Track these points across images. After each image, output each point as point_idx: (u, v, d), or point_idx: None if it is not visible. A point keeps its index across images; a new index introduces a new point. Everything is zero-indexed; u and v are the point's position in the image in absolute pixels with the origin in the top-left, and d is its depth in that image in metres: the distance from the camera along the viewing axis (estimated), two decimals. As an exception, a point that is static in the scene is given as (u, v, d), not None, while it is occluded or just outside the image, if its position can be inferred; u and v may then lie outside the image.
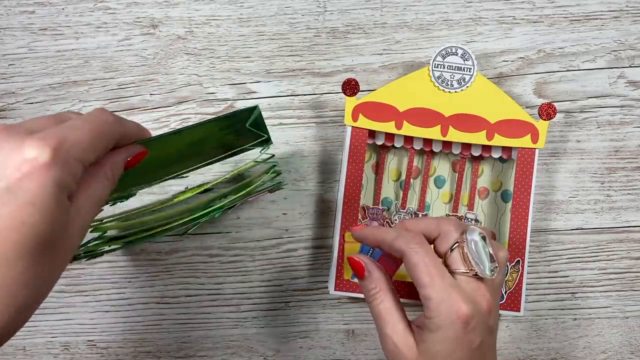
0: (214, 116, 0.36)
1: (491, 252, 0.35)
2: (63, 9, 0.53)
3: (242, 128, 0.37)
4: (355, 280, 0.49)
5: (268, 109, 0.53)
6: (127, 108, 0.53)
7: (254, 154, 0.47)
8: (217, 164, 0.48)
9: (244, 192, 0.44)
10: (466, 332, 0.33)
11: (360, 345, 0.53)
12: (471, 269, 0.34)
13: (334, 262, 0.49)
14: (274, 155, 0.49)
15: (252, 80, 0.53)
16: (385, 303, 0.37)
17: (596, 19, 0.54)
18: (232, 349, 0.52)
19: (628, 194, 0.53)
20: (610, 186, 0.53)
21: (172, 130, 0.34)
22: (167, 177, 0.43)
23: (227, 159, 0.44)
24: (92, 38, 0.53)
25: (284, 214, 0.53)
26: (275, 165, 0.47)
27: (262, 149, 0.45)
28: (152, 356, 0.52)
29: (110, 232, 0.47)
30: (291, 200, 0.53)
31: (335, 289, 0.49)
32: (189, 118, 0.53)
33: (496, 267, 0.35)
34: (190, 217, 0.43)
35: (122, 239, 0.45)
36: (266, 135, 0.40)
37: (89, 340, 0.52)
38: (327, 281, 0.52)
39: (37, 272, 0.25)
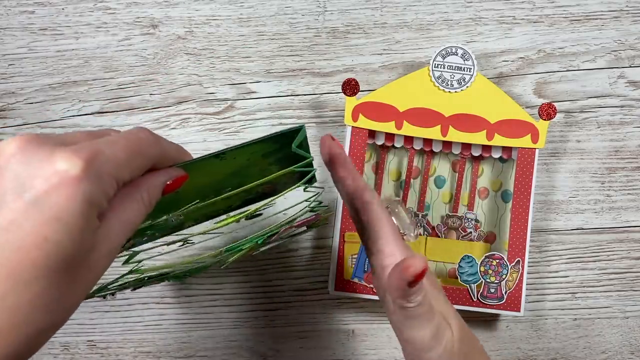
0: (256, 138, 0.31)
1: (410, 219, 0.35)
2: (63, 9, 0.53)
3: (286, 157, 0.34)
4: (356, 280, 0.49)
5: (268, 109, 0.53)
6: (127, 108, 0.53)
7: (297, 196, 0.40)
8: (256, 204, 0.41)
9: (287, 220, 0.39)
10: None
11: (360, 346, 0.53)
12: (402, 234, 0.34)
13: (334, 262, 0.49)
14: (320, 193, 0.42)
15: (252, 80, 0.53)
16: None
17: (596, 19, 0.53)
18: (232, 349, 0.52)
19: (628, 194, 0.53)
20: (610, 186, 0.53)
21: (212, 152, 0.30)
22: (200, 216, 0.37)
23: (267, 202, 0.38)
24: (92, 38, 0.53)
25: (284, 214, 0.53)
26: (320, 203, 0.41)
27: (306, 187, 0.38)
28: (152, 356, 0.52)
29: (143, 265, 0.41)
30: (291, 201, 0.53)
31: (335, 289, 0.48)
32: (188, 118, 0.53)
33: (419, 233, 0.35)
34: (230, 247, 0.38)
35: (158, 277, 0.41)
36: (311, 166, 0.35)
37: (89, 341, 0.52)
38: (327, 281, 0.52)
39: (56, 295, 0.23)
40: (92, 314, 0.52)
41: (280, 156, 0.34)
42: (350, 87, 0.48)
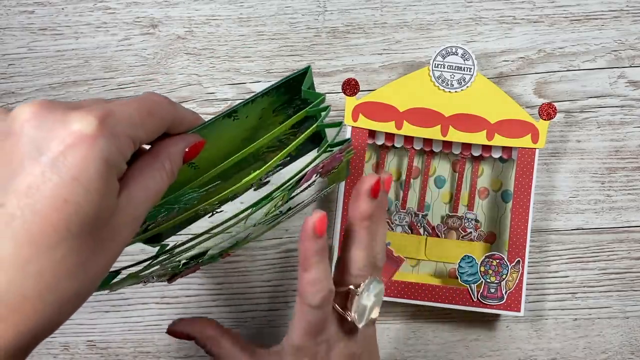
0: (263, 89, 0.29)
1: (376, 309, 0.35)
2: (63, 8, 0.53)
3: (297, 112, 0.31)
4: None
5: (268, 108, 0.53)
6: (127, 108, 0.53)
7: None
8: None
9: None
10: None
11: (360, 346, 0.53)
12: (349, 315, 0.34)
13: (334, 262, 0.49)
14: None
15: (252, 80, 0.53)
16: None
17: (596, 18, 0.53)
18: (232, 349, 0.52)
19: (628, 194, 0.53)
20: (610, 186, 0.53)
21: (224, 111, 0.29)
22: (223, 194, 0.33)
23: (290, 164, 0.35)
24: (91, 38, 0.53)
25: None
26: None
27: (326, 148, 0.34)
28: (152, 356, 0.52)
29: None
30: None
31: (335, 289, 0.48)
32: (188, 118, 0.53)
33: (371, 320, 0.35)
34: (258, 201, 0.34)
35: (194, 259, 0.39)
36: (323, 107, 0.31)
37: (88, 341, 0.52)
38: (327, 281, 0.52)
39: (79, 260, 0.22)
40: (91, 314, 0.52)
41: (291, 112, 0.33)
42: (350, 87, 0.48)
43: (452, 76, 0.48)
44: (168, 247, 0.35)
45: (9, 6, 0.53)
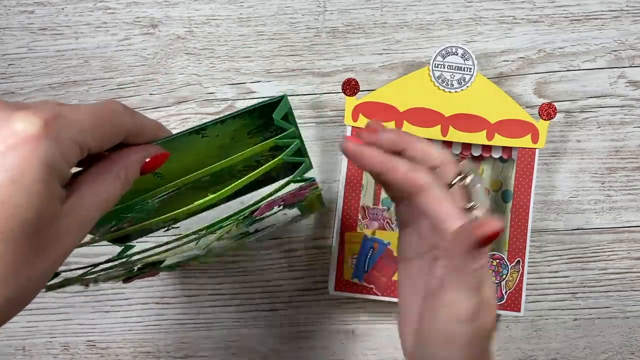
0: (236, 110, 0.28)
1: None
2: (63, 8, 0.53)
3: (273, 128, 0.31)
4: (355, 280, 0.49)
5: (268, 108, 0.53)
6: (127, 108, 0.53)
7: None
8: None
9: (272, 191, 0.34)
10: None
11: (361, 346, 0.53)
12: (471, 206, 0.31)
13: (334, 262, 0.49)
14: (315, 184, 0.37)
15: (251, 80, 0.53)
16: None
17: (596, 18, 0.53)
18: (232, 349, 0.52)
19: (628, 194, 0.53)
20: (610, 186, 0.53)
21: (192, 127, 0.28)
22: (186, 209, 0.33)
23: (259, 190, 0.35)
24: (91, 38, 0.53)
25: (284, 214, 0.53)
26: (317, 188, 0.37)
27: (298, 172, 0.34)
28: (151, 356, 0.52)
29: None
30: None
31: (335, 289, 0.48)
32: (188, 118, 0.53)
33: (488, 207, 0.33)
34: (211, 224, 0.34)
35: (149, 266, 0.38)
36: (295, 138, 0.31)
37: (88, 341, 0.52)
38: (327, 281, 0.52)
39: (17, 262, 0.21)
40: (91, 314, 0.52)
41: (267, 135, 0.32)
42: (350, 87, 0.48)
43: (452, 76, 0.48)
44: (125, 254, 0.34)
45: (9, 6, 0.53)
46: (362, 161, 0.31)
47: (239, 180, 0.31)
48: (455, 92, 0.48)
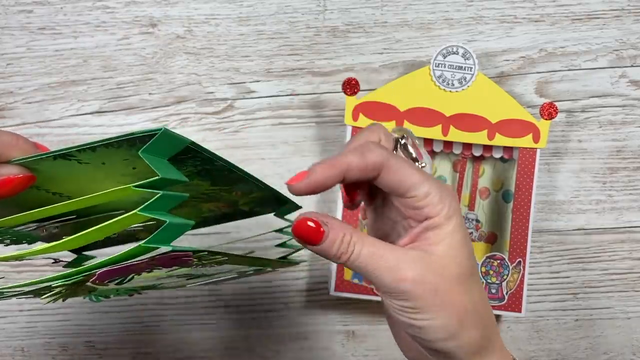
0: (103, 139, 0.23)
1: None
2: (61, 8, 0.53)
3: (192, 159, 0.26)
4: (356, 280, 0.48)
5: (268, 108, 0.53)
6: (126, 107, 0.53)
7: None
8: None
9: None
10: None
11: (360, 346, 0.53)
12: (421, 163, 0.32)
13: (334, 263, 0.48)
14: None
15: (251, 80, 0.53)
16: (367, 245, 0.29)
17: (598, 18, 0.53)
18: (232, 350, 0.52)
19: (630, 194, 0.53)
20: (612, 186, 0.53)
21: (57, 150, 0.24)
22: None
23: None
24: (90, 37, 0.53)
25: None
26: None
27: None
28: (151, 357, 0.52)
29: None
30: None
31: (335, 289, 0.48)
32: (188, 118, 0.52)
33: (429, 159, 0.33)
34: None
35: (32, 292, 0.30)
36: (161, 188, 0.23)
37: (87, 341, 0.52)
38: (327, 281, 0.52)
39: None
40: (90, 314, 0.52)
41: (189, 168, 0.26)
42: (351, 87, 0.48)
43: (453, 75, 0.48)
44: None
45: (7, 5, 0.53)
46: (317, 183, 0.29)
47: (88, 230, 0.23)
48: (456, 91, 0.48)
